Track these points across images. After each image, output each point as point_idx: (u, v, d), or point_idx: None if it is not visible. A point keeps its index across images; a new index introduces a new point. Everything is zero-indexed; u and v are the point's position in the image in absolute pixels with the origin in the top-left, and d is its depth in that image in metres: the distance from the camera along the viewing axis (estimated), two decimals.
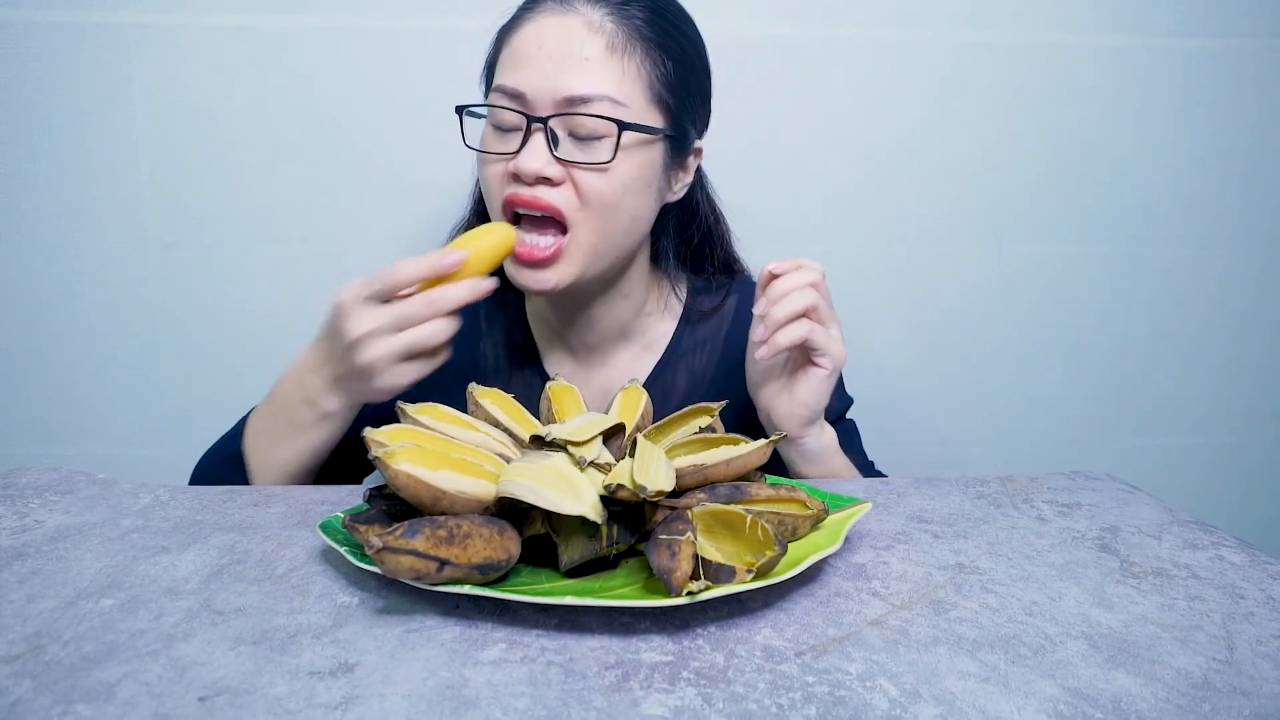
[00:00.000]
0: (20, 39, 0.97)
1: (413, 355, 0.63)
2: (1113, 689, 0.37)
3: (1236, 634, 0.42)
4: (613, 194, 0.67)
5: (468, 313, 0.81)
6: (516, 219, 0.69)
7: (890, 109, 1.07)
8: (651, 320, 0.80)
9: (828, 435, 0.71)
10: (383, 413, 0.64)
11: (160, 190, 1.01)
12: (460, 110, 0.70)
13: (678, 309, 0.81)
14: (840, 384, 0.80)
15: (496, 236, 0.66)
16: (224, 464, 0.71)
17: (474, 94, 0.75)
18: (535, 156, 0.65)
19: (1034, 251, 1.12)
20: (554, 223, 0.68)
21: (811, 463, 0.70)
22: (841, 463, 0.72)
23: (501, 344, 0.81)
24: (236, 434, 0.71)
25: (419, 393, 0.62)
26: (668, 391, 0.79)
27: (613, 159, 0.66)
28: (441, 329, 0.62)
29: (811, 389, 0.67)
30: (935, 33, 1.06)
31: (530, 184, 0.66)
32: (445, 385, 0.67)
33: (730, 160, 1.05)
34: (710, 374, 0.80)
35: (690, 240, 0.81)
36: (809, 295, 0.64)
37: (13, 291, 1.02)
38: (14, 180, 1.00)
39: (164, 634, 0.40)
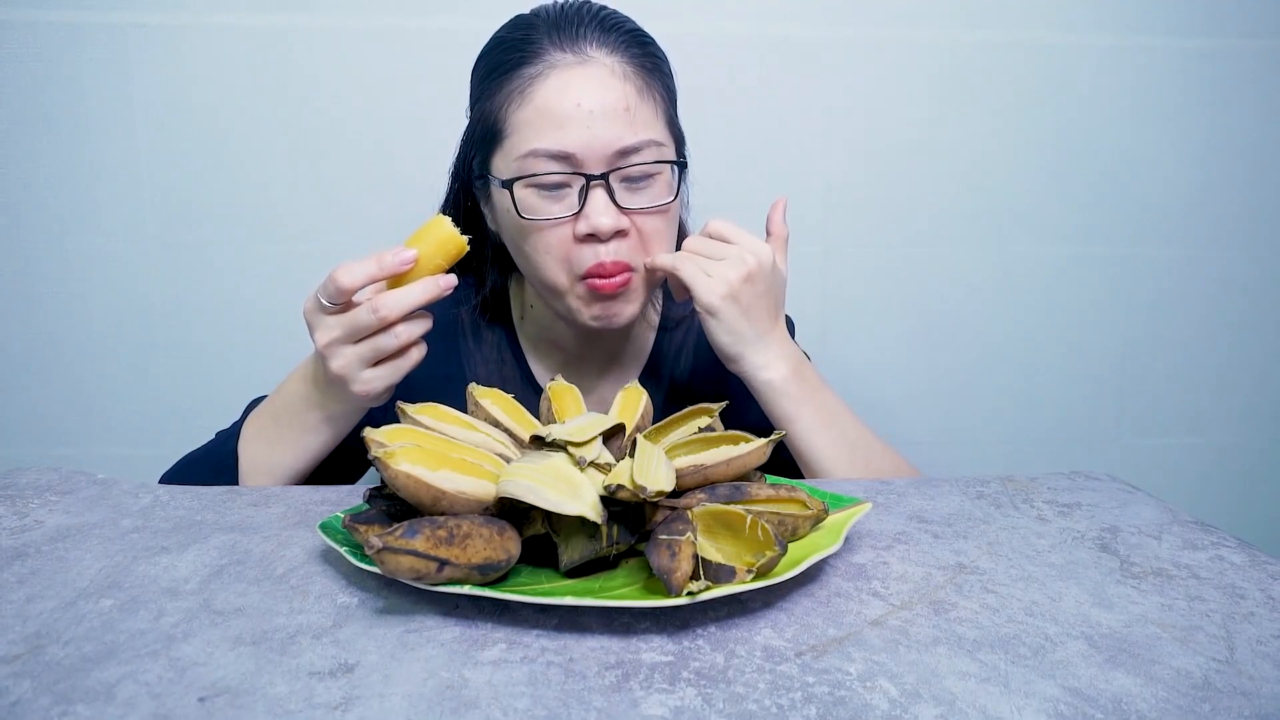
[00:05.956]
0: (20, 39, 0.97)
1: (379, 360, 0.60)
2: (1113, 689, 0.37)
3: (1236, 634, 0.42)
4: (669, 228, 0.69)
5: (454, 342, 0.78)
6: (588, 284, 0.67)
7: (890, 109, 1.07)
8: (640, 329, 0.82)
9: (778, 370, 0.67)
10: (386, 413, 0.63)
11: (160, 190, 1.01)
12: (509, 185, 0.66)
13: (655, 318, 0.83)
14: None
15: (445, 233, 0.62)
16: (211, 467, 0.68)
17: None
18: (604, 213, 0.64)
19: (1034, 251, 1.12)
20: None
21: (784, 400, 0.67)
22: (833, 399, 0.69)
23: (495, 375, 0.80)
24: (232, 435, 0.70)
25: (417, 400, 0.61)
26: (653, 395, 0.80)
27: (675, 198, 0.67)
28: (402, 333, 0.59)
29: (707, 330, 0.66)
30: (935, 33, 1.06)
31: (605, 240, 0.65)
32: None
33: (731, 159, 1.06)
34: (686, 379, 0.80)
35: None
36: (697, 242, 0.66)
37: (13, 291, 1.02)
38: (14, 180, 1.00)
39: (164, 634, 0.40)
